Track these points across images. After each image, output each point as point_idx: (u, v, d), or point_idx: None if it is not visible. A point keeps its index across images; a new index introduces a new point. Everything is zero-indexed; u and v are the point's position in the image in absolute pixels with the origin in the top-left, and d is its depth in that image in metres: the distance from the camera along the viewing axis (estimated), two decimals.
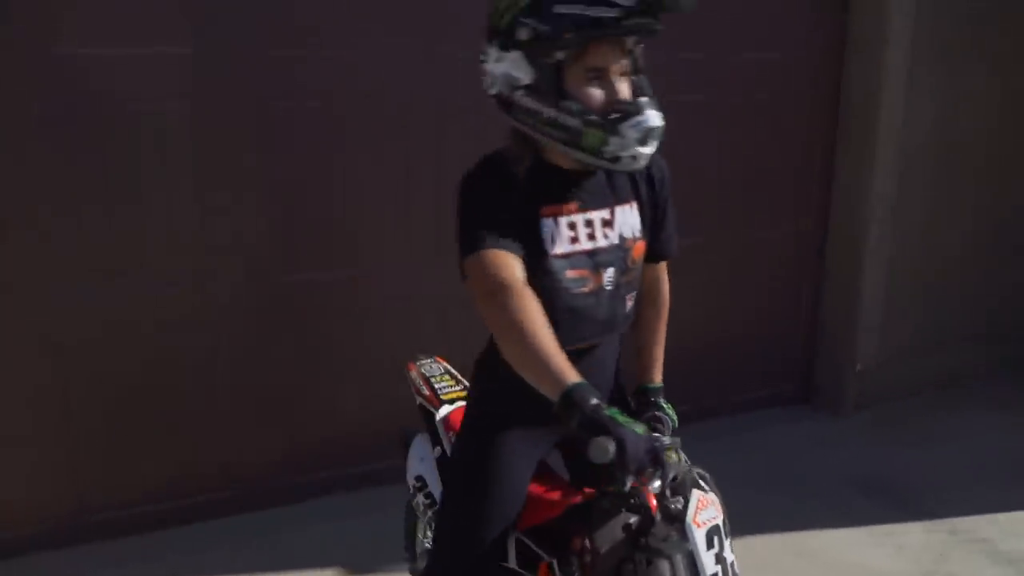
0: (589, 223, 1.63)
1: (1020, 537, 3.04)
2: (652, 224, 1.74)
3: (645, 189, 1.71)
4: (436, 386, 2.28)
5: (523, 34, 1.47)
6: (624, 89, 1.53)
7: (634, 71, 1.56)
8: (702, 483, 1.51)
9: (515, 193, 1.56)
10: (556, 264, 1.60)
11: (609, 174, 1.64)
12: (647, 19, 1.43)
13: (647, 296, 1.88)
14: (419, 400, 2.31)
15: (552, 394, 1.36)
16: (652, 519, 1.42)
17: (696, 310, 3.77)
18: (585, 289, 1.63)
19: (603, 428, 1.29)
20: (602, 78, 1.51)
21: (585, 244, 1.62)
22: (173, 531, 3.08)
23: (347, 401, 3.34)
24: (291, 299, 3.18)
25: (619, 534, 1.50)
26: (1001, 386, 4.28)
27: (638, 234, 1.69)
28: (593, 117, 1.48)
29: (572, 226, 1.61)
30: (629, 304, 1.74)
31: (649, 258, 1.78)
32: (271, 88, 2.97)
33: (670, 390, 1.93)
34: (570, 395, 1.33)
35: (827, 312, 4.10)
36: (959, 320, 4.32)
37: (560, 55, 1.47)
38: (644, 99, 1.52)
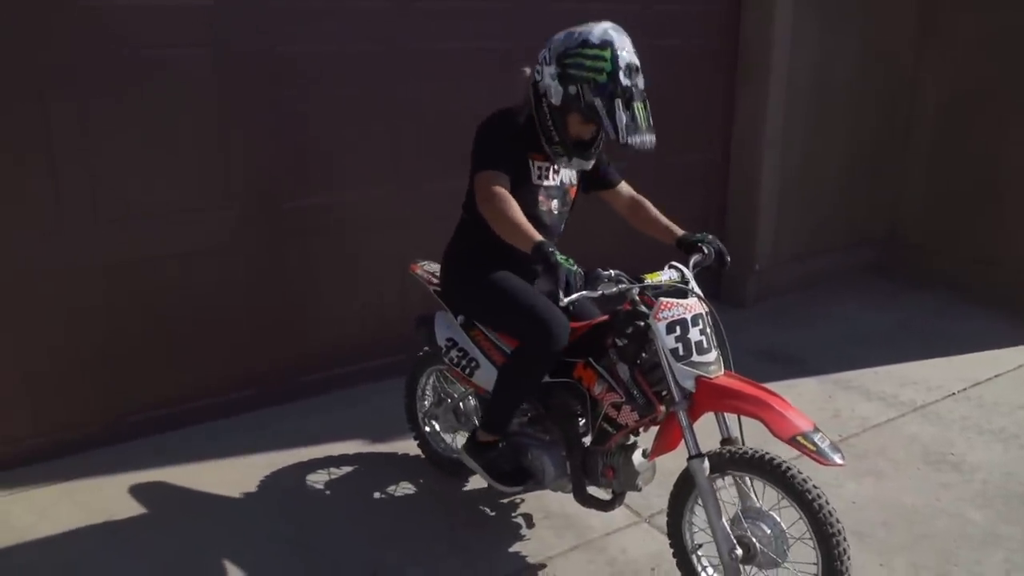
0: (548, 169, 2.62)
1: (883, 382, 4.01)
2: (590, 174, 2.73)
3: None
4: None
5: (571, 89, 2.37)
6: (589, 137, 2.53)
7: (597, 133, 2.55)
8: (668, 294, 2.37)
9: (517, 138, 2.51)
10: (533, 189, 2.58)
11: None
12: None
13: (631, 203, 2.83)
14: (432, 289, 2.96)
15: (527, 247, 2.28)
16: (644, 315, 2.31)
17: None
18: (543, 208, 2.63)
19: (552, 265, 2.18)
20: (583, 125, 2.48)
21: (545, 182, 2.61)
22: (203, 426, 3.54)
23: (346, 310, 3.87)
24: (295, 223, 3.64)
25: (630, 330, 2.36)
26: (861, 281, 5.39)
27: (573, 182, 2.72)
28: (567, 143, 2.49)
29: (541, 169, 2.59)
30: (562, 224, 2.72)
31: (609, 186, 2.80)
32: (280, 38, 3.42)
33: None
34: (538, 246, 2.25)
35: (731, 224, 4.99)
36: (831, 232, 5.32)
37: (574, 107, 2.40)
38: (596, 150, 2.56)
